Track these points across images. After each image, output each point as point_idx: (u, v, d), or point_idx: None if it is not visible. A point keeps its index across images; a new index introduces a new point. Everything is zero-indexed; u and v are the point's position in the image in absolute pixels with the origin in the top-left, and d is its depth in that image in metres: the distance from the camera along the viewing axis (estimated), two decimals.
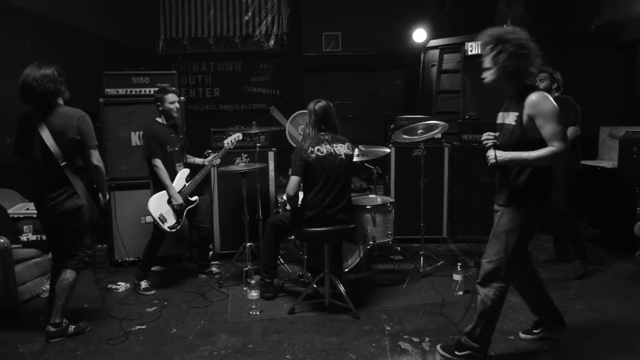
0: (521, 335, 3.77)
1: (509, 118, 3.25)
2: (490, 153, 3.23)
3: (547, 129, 3.04)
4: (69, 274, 3.93)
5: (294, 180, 4.27)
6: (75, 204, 3.86)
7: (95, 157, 3.95)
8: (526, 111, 3.09)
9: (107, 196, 4.27)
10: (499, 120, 3.42)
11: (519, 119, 3.13)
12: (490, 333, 3.36)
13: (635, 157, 5.80)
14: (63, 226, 3.94)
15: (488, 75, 3.20)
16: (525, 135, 3.12)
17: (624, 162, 6.06)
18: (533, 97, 3.08)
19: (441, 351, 3.47)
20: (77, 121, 3.87)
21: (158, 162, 4.73)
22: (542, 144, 3.06)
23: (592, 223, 6.73)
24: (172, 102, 4.86)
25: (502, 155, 3.18)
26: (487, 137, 3.32)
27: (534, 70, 3.15)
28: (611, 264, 5.45)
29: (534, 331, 3.73)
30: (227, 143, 5.10)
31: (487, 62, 3.19)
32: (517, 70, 3.10)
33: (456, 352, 3.39)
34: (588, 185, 6.72)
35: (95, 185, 4.05)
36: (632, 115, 7.34)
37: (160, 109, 4.86)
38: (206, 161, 5.18)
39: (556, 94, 5.11)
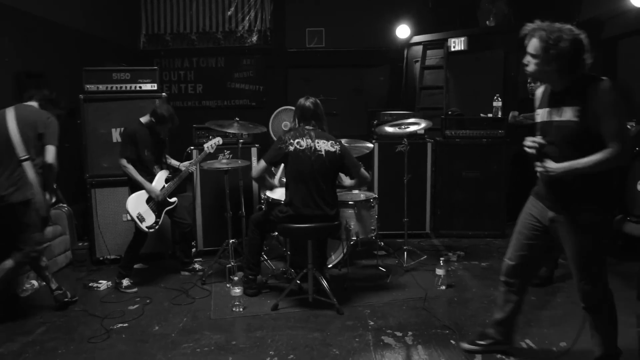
0: (463, 345, 3.54)
1: (565, 114, 2.80)
2: (540, 167, 2.86)
3: (609, 124, 2.68)
4: (7, 262, 3.98)
5: (261, 164, 4.35)
6: (25, 197, 3.92)
7: (52, 155, 4.03)
8: (594, 102, 2.69)
9: (54, 198, 4.32)
10: (543, 119, 2.97)
11: (582, 112, 2.73)
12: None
13: None
14: (11, 218, 3.99)
15: (532, 66, 2.85)
16: (588, 132, 2.72)
17: None
18: (605, 84, 2.70)
19: None
20: (47, 119, 4.11)
21: (124, 162, 4.72)
22: (602, 142, 2.70)
23: None
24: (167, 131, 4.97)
25: (557, 167, 2.78)
26: (535, 143, 2.85)
27: (589, 61, 2.80)
28: None
29: (480, 342, 3.49)
30: (208, 147, 5.06)
31: (534, 50, 2.82)
32: (573, 61, 2.76)
33: None
34: None
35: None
36: None
37: (152, 121, 4.83)
38: (182, 166, 5.14)
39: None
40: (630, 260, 5.32)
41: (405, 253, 5.40)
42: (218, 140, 5.11)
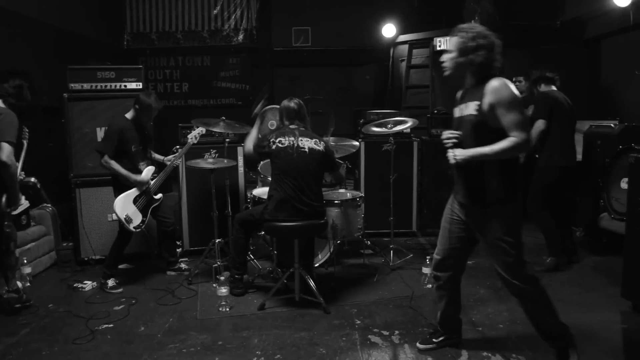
0: (419, 345, 3.58)
1: (468, 108, 3.08)
2: (450, 153, 3.09)
3: (507, 117, 2.92)
4: None
5: (249, 145, 4.53)
6: None
7: (5, 154, 3.90)
8: (487, 99, 2.94)
9: (18, 202, 4.24)
10: (456, 115, 3.26)
11: (480, 107, 2.98)
12: (560, 324, 3.24)
13: (598, 151, 5.91)
14: None
15: (449, 61, 3.11)
16: (486, 125, 2.97)
17: (588, 155, 6.18)
18: (494, 83, 2.94)
19: None
20: (0, 115, 3.98)
21: (106, 158, 4.66)
22: (503, 133, 2.94)
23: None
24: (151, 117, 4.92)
25: (462, 153, 3.02)
26: (449, 135, 3.13)
27: (499, 65, 3.04)
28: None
29: (434, 340, 3.58)
30: (191, 138, 5.04)
31: (452, 46, 3.08)
32: (484, 62, 3.00)
33: None
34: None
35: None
36: (596, 110, 7.49)
37: (137, 110, 4.79)
38: (166, 160, 5.11)
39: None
40: (614, 257, 5.38)
41: (392, 252, 5.41)
42: (201, 130, 5.08)
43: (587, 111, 7.59)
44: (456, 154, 3.03)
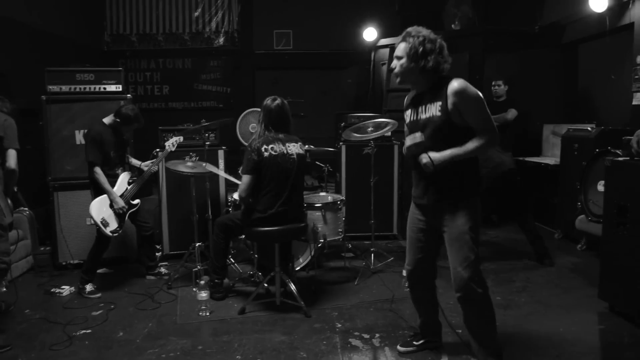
0: (399, 348, 3.61)
1: (430, 110, 3.06)
2: (425, 157, 3.03)
3: (474, 117, 2.96)
4: None
5: (246, 179, 4.20)
6: None
7: (13, 160, 3.94)
8: (450, 100, 2.94)
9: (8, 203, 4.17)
10: (412, 118, 3.22)
11: (443, 108, 2.97)
12: (498, 341, 3.22)
13: (576, 154, 6.00)
14: None
15: (399, 67, 3.10)
16: (453, 124, 2.97)
17: (566, 158, 6.27)
18: (455, 84, 2.94)
19: None
20: (5, 122, 4.00)
21: (98, 170, 4.63)
22: (467, 134, 2.98)
23: (538, 218, 6.94)
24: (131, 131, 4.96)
25: (439, 156, 2.99)
26: (414, 138, 3.07)
27: (448, 66, 3.05)
28: (555, 257, 5.61)
29: (414, 343, 3.61)
30: (169, 146, 5.00)
31: (400, 53, 3.08)
32: (435, 66, 2.99)
33: None
34: (532, 181, 6.92)
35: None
36: (573, 113, 7.59)
37: (118, 123, 4.76)
38: (144, 165, 5.07)
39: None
40: (591, 259, 5.46)
41: (373, 255, 5.43)
42: (179, 138, 5.05)
43: (564, 115, 7.69)
44: (433, 158, 3.00)
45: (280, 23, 10.18)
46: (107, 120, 4.80)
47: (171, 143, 5.01)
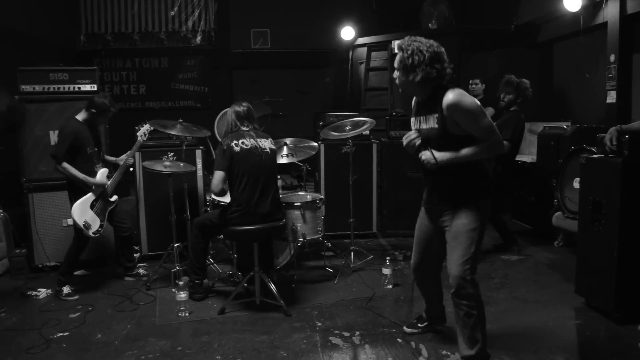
0: (405, 329, 3.81)
1: (429, 122, 3.12)
2: (427, 155, 3.10)
3: (472, 127, 3.00)
4: None
5: (218, 175, 4.22)
6: None
7: None
8: (446, 112, 2.99)
9: None
10: (414, 127, 3.28)
11: (440, 120, 3.03)
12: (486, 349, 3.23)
13: (552, 152, 6.07)
14: None
15: (397, 79, 3.17)
16: (452, 135, 3.03)
17: (542, 156, 6.35)
18: (450, 95, 2.98)
19: None
20: None
21: (65, 165, 4.55)
22: (470, 139, 3.02)
23: (515, 215, 7.03)
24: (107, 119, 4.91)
25: (442, 155, 3.05)
26: (411, 135, 3.18)
27: (446, 74, 3.07)
28: (533, 253, 5.70)
29: (419, 325, 3.80)
30: (140, 136, 4.92)
31: (396, 65, 3.13)
32: (425, 77, 3.01)
33: None
34: (510, 178, 6.99)
35: None
36: (549, 112, 7.70)
37: (92, 113, 4.68)
38: (119, 160, 5.01)
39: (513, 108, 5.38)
40: (568, 255, 5.53)
41: (352, 253, 5.44)
42: (149, 127, 4.97)
43: (540, 113, 7.79)
44: (435, 156, 3.06)
45: (258, 22, 10.17)
46: (80, 116, 4.73)
47: (142, 133, 4.93)
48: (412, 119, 3.33)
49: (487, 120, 3.02)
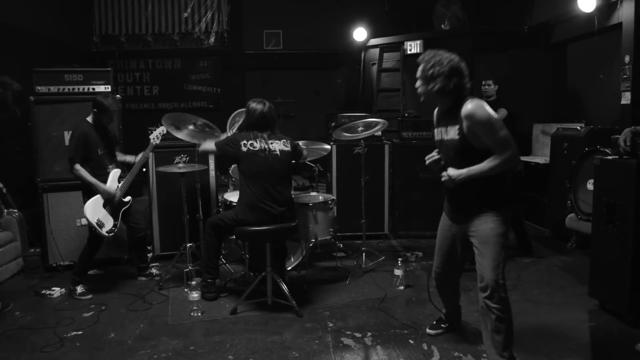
0: (428, 331, 3.84)
1: (450, 133, 3.21)
2: (444, 176, 3.21)
3: (487, 139, 3.05)
4: None
5: (211, 146, 4.42)
6: None
7: None
8: (465, 123, 3.07)
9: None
10: (437, 137, 3.40)
11: (460, 131, 3.11)
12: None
13: (565, 153, 6.03)
14: None
15: (419, 88, 3.26)
16: (471, 146, 3.10)
17: (556, 157, 6.30)
18: (468, 106, 3.06)
19: None
20: None
21: (77, 166, 4.59)
22: (489, 151, 3.07)
23: (528, 217, 6.98)
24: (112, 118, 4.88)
25: (458, 173, 3.14)
26: (432, 157, 3.41)
27: (465, 86, 3.16)
28: (545, 255, 5.66)
29: (442, 325, 3.85)
30: (153, 138, 4.95)
31: (417, 75, 3.25)
32: (443, 89, 3.12)
33: None
34: (523, 180, 6.95)
35: None
36: (562, 113, 7.65)
37: (96, 113, 4.71)
38: (136, 159, 5.03)
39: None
40: (582, 257, 5.49)
41: (364, 254, 5.43)
42: (162, 129, 4.98)
43: (554, 114, 7.74)
44: (450, 175, 3.16)
45: (270, 23, 10.20)
46: (90, 118, 4.76)
47: (155, 136, 4.95)
48: (435, 130, 3.44)
49: (504, 134, 3.05)
